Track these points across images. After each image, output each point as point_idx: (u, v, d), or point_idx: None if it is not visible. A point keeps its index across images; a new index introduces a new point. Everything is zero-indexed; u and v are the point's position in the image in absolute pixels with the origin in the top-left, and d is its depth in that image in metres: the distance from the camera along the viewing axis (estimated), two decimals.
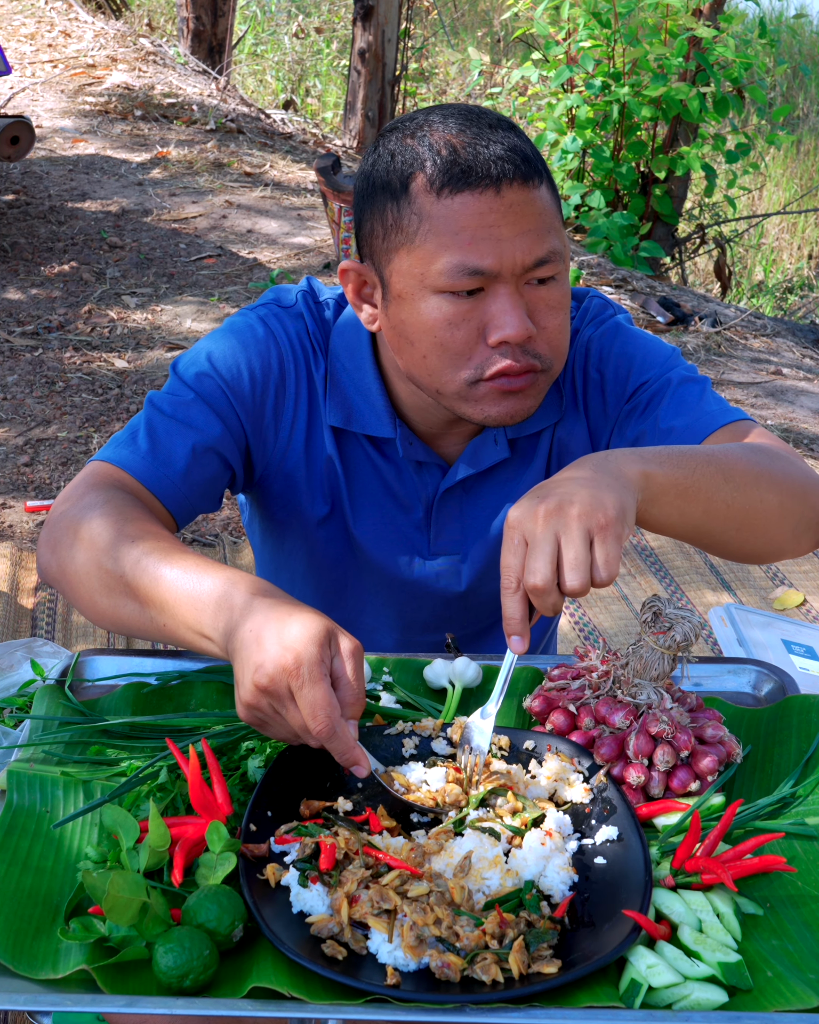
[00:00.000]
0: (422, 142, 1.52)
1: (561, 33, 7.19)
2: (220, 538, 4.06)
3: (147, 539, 1.45)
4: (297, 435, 1.74)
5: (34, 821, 1.32)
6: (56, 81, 8.70)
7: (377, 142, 1.59)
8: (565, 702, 1.47)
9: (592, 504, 1.28)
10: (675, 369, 1.72)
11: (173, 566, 1.40)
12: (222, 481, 1.72)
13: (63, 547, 1.51)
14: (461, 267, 1.50)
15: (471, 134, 1.51)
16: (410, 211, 1.52)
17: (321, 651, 1.25)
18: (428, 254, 1.52)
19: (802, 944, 1.21)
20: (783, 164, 10.39)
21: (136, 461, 1.63)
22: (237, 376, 1.69)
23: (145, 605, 1.42)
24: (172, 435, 1.66)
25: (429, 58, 10.90)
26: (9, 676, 2.38)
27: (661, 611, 1.41)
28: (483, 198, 1.49)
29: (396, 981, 1.12)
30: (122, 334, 5.50)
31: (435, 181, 1.50)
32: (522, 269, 1.51)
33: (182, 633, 1.40)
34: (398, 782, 1.35)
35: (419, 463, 1.75)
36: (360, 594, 1.88)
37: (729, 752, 1.42)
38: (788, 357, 6.08)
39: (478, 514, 1.80)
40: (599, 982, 1.14)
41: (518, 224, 1.50)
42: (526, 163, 1.51)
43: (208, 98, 8.66)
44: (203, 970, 1.12)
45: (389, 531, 1.80)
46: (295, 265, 6.36)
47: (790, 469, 1.57)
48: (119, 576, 1.44)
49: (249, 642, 1.27)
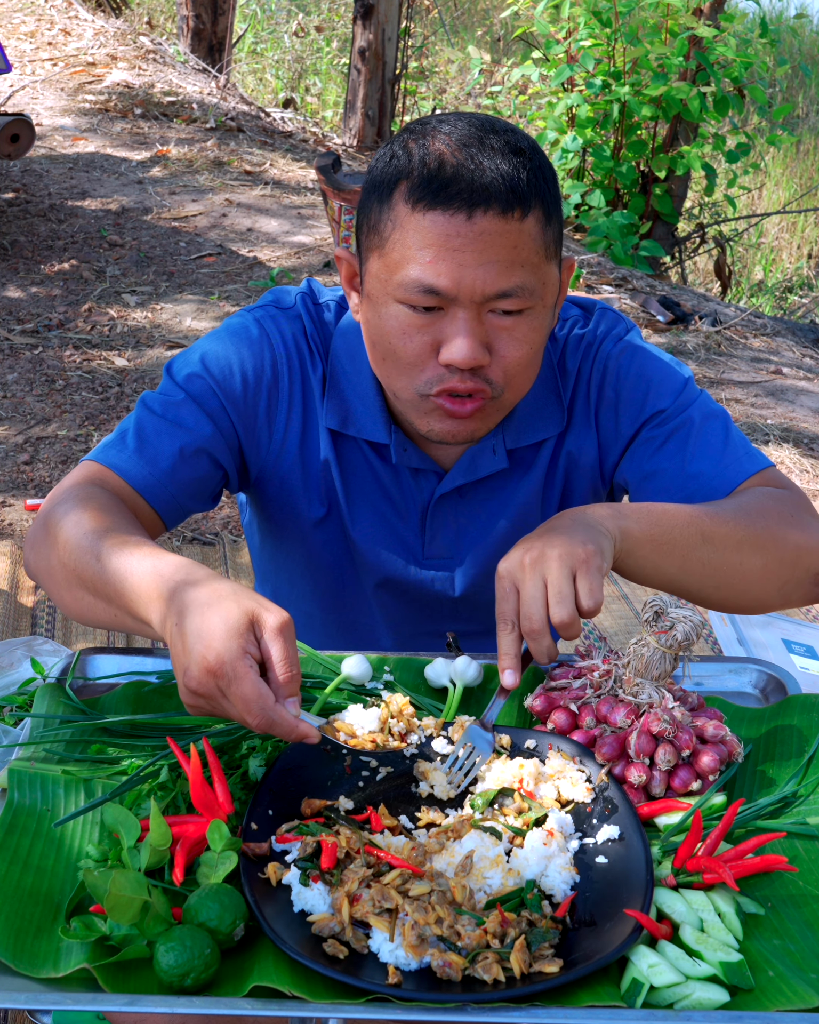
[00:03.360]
0: (420, 149, 1.51)
1: (561, 32, 7.20)
2: (220, 537, 4.06)
3: (108, 535, 1.48)
4: (291, 437, 1.74)
5: (35, 820, 1.32)
6: (56, 79, 8.69)
7: (392, 139, 1.59)
8: (566, 701, 1.47)
9: (571, 545, 1.39)
10: (695, 403, 1.72)
11: (122, 558, 1.43)
12: (213, 481, 1.72)
13: (39, 546, 1.57)
14: (418, 283, 1.50)
15: (467, 152, 1.48)
16: (388, 216, 1.52)
17: (242, 642, 1.26)
18: (394, 262, 1.52)
19: (803, 944, 1.21)
20: (783, 164, 10.39)
21: (123, 460, 1.65)
22: (229, 377, 1.70)
23: (97, 597, 1.47)
24: (161, 435, 1.67)
25: (429, 57, 10.90)
26: (9, 674, 2.37)
27: (662, 610, 1.41)
28: (453, 220, 1.47)
29: (397, 980, 1.12)
30: (122, 332, 5.50)
31: (413, 193, 1.49)
32: (481, 298, 1.50)
33: (130, 623, 1.44)
34: (343, 732, 1.37)
35: (415, 469, 1.75)
36: (358, 595, 1.88)
37: (730, 751, 1.42)
38: (788, 356, 6.08)
39: (473, 521, 1.79)
40: (601, 981, 1.14)
41: (485, 253, 1.48)
42: (511, 193, 1.47)
43: (208, 96, 8.66)
44: (204, 969, 1.12)
45: (385, 534, 1.80)
46: (295, 264, 6.36)
47: (787, 532, 1.59)
48: (77, 570, 1.49)
49: (175, 641, 1.29)
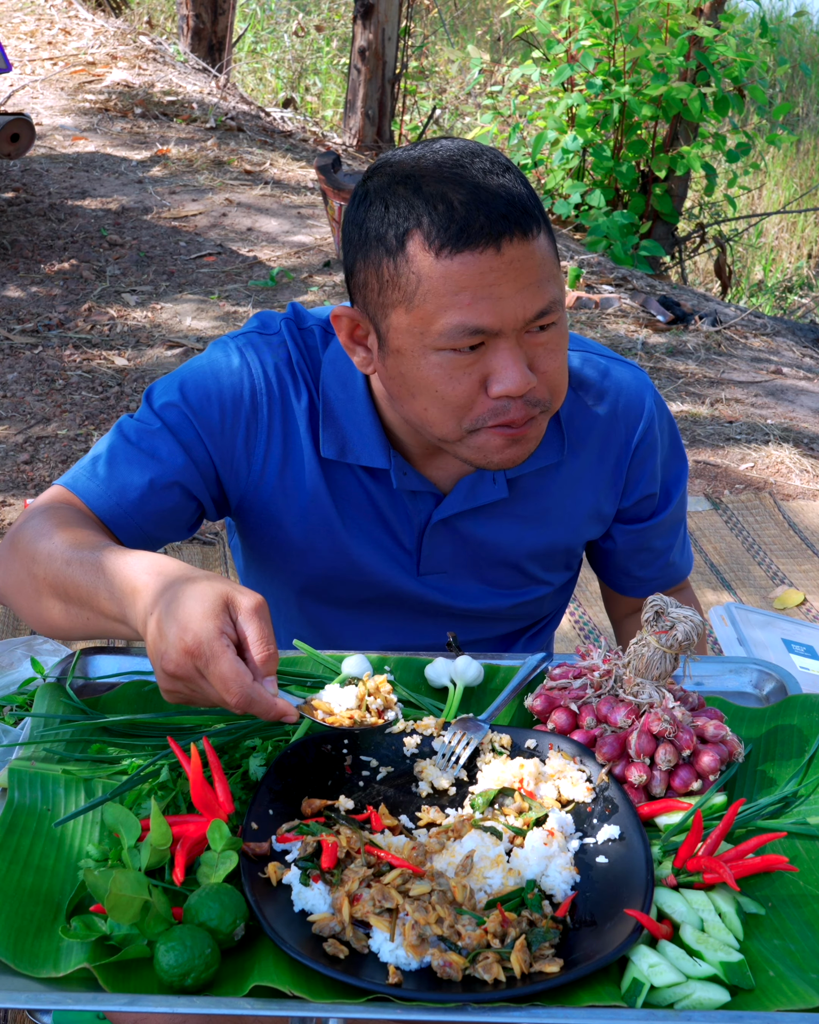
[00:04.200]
0: (417, 194, 1.47)
1: (562, 32, 7.19)
2: (220, 536, 4.06)
3: (77, 542, 1.49)
4: (271, 467, 1.72)
5: (35, 819, 1.32)
6: (56, 79, 8.69)
7: (366, 185, 1.54)
8: (567, 701, 1.47)
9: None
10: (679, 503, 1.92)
11: (92, 561, 1.43)
12: (186, 512, 1.71)
13: (5, 562, 1.58)
14: (461, 328, 1.47)
15: (469, 187, 1.45)
16: (409, 270, 1.48)
17: (218, 623, 1.27)
18: (428, 314, 1.48)
19: (804, 943, 1.21)
20: (783, 163, 10.38)
21: (90, 489, 1.64)
22: (206, 407, 1.68)
23: (67, 603, 1.47)
24: (132, 464, 1.66)
25: (429, 56, 10.89)
26: (9, 674, 2.37)
27: (663, 610, 1.41)
28: (483, 257, 1.45)
29: (398, 980, 1.12)
30: (122, 332, 5.50)
31: (434, 240, 1.45)
32: (523, 323, 1.49)
33: (103, 624, 1.44)
34: (321, 710, 1.37)
35: (413, 492, 1.73)
36: (345, 618, 1.87)
37: (731, 751, 1.42)
38: (788, 356, 6.08)
39: (469, 544, 1.78)
40: (601, 981, 1.14)
41: (518, 280, 1.46)
42: (525, 215, 1.46)
43: (208, 96, 8.66)
44: (204, 969, 1.12)
45: (380, 555, 1.78)
46: (295, 263, 6.36)
47: None
48: (44, 579, 1.49)
49: (151, 628, 1.31)
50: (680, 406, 5.24)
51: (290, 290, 6.02)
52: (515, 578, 1.83)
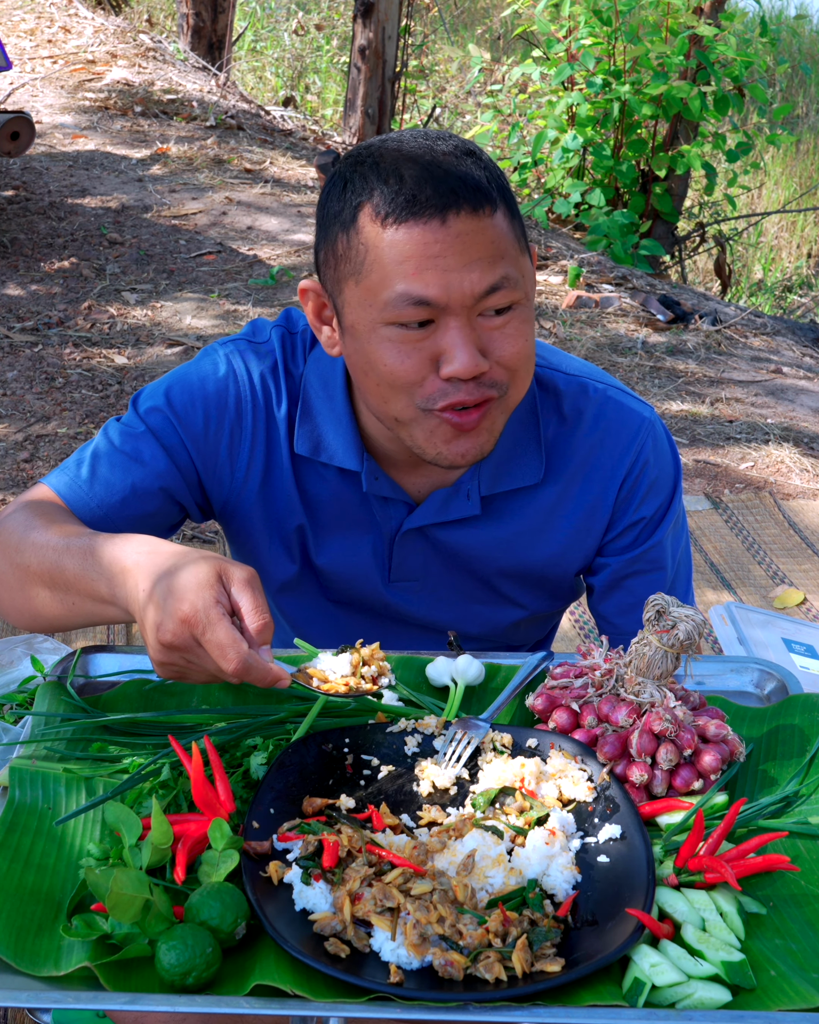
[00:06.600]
0: (373, 170, 1.48)
1: (562, 30, 7.19)
2: (220, 535, 4.05)
3: (63, 531, 1.50)
4: (253, 475, 1.72)
5: (36, 818, 1.32)
6: (56, 77, 8.69)
7: (335, 168, 1.55)
8: (568, 700, 1.47)
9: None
10: (674, 550, 1.82)
11: (76, 546, 1.45)
12: (167, 516, 1.72)
13: None
14: (406, 297, 1.46)
15: (423, 163, 1.46)
16: (358, 241, 1.49)
17: (214, 592, 1.28)
18: (374, 284, 1.48)
19: (805, 943, 1.21)
20: (783, 163, 10.38)
21: (72, 490, 1.66)
22: (191, 412, 1.68)
23: (54, 589, 1.49)
24: (115, 467, 1.67)
25: (429, 55, 10.88)
26: (9, 672, 2.37)
27: (664, 609, 1.41)
28: (428, 228, 1.45)
29: (399, 979, 1.12)
30: (122, 330, 5.49)
31: (381, 211, 1.46)
32: (472, 300, 1.47)
33: (90, 607, 1.45)
34: (316, 678, 1.38)
35: (384, 498, 1.72)
36: (325, 621, 1.87)
37: (732, 751, 1.42)
38: (788, 356, 6.08)
39: (441, 553, 1.77)
40: (602, 981, 1.14)
41: (465, 254, 1.45)
42: (477, 191, 1.46)
43: (208, 94, 8.65)
44: (206, 968, 1.12)
45: (351, 560, 1.77)
46: (295, 262, 6.36)
47: None
48: (28, 568, 1.51)
49: (145, 603, 1.32)
50: (680, 405, 5.24)
51: (290, 288, 6.02)
52: (486, 594, 1.81)
